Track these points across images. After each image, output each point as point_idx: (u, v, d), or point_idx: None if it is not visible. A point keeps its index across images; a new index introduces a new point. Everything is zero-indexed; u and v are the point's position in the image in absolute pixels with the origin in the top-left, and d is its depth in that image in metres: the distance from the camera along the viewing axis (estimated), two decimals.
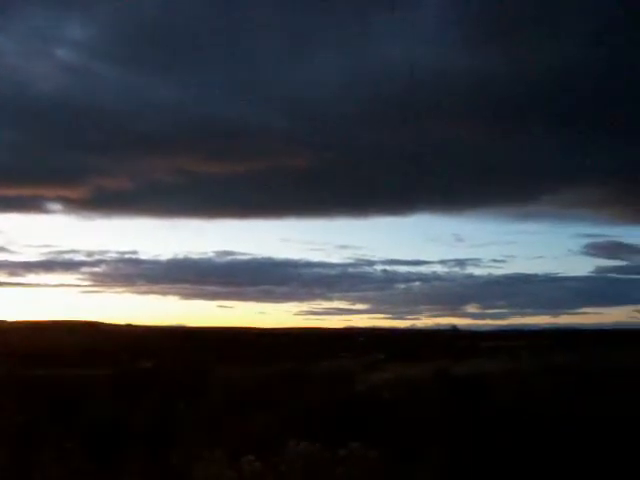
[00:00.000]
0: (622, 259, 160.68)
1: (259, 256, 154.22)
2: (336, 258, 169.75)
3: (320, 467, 7.90)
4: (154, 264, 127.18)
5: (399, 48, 77.16)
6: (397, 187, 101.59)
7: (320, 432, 9.65)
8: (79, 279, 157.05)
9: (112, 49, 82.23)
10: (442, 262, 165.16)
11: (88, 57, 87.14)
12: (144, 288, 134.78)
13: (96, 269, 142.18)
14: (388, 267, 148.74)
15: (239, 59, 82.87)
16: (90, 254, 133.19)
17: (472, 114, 76.97)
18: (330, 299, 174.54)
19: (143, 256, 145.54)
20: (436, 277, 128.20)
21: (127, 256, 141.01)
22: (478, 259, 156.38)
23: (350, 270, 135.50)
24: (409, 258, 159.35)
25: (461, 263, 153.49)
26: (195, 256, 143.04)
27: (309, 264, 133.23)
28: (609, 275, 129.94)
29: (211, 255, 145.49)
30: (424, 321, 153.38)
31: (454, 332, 68.25)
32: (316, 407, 12.74)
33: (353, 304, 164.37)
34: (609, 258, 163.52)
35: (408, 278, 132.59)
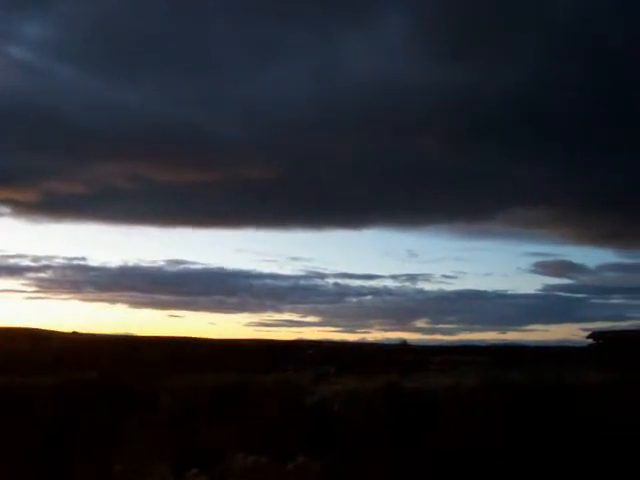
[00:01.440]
0: (569, 278, 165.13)
1: (211, 266, 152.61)
2: (288, 270, 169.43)
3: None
4: (103, 271, 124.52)
5: (360, 61, 77.94)
6: (352, 201, 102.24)
7: (268, 445, 9.55)
8: (24, 285, 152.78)
9: (68, 48, 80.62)
10: (394, 277, 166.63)
11: (42, 56, 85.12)
12: (92, 295, 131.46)
13: (42, 275, 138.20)
14: (340, 280, 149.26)
15: (202, 66, 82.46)
16: (36, 259, 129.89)
17: (430, 130, 78.04)
18: (281, 311, 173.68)
19: (92, 262, 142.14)
20: (387, 292, 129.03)
21: (75, 262, 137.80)
22: (430, 274, 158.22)
23: (302, 282, 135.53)
24: (361, 272, 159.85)
25: (412, 278, 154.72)
26: (146, 264, 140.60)
27: (261, 275, 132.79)
28: (556, 293, 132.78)
29: (162, 264, 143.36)
30: (374, 335, 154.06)
31: (404, 346, 68.71)
32: (265, 420, 12.62)
33: (304, 316, 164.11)
34: (557, 277, 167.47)
35: (360, 292, 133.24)
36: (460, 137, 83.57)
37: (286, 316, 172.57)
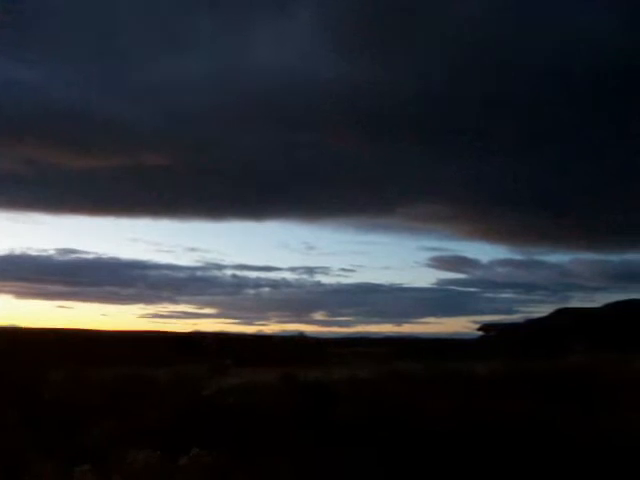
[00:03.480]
0: (463, 272, 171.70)
1: (104, 255, 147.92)
2: (185, 261, 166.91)
3: (159, 476, 7.53)
4: None
5: (271, 53, 77.38)
6: (252, 192, 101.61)
7: (162, 439, 9.25)
8: None
9: None
10: (292, 269, 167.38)
11: None
12: None
13: None
14: (238, 272, 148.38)
15: (106, 48, 79.34)
16: None
17: (334, 123, 78.59)
18: (177, 302, 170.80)
19: None
20: (285, 284, 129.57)
21: None
22: (328, 267, 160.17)
23: (199, 273, 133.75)
24: (259, 264, 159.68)
25: (310, 271, 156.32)
26: (34, 252, 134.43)
27: (157, 266, 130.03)
28: (450, 287, 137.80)
29: (52, 252, 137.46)
30: (272, 327, 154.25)
31: (301, 338, 69.08)
32: (159, 413, 12.25)
33: (201, 308, 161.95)
34: (451, 271, 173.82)
35: (257, 284, 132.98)
36: (362, 132, 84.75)
37: (182, 308, 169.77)
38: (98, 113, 77.47)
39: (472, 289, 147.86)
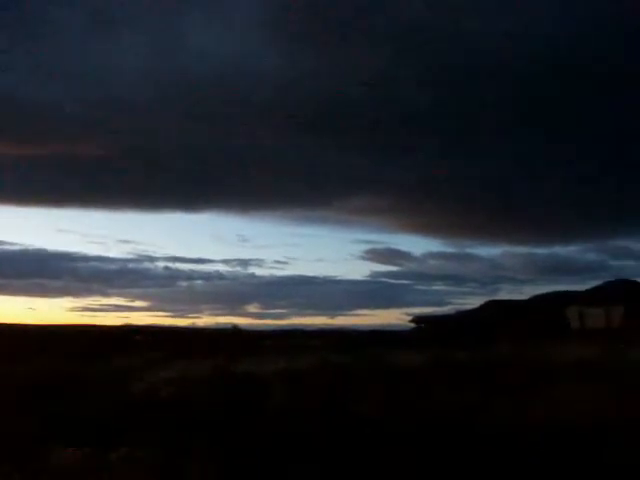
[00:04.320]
0: (396, 265, 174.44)
1: (32, 247, 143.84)
2: (116, 252, 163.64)
3: (87, 473, 7.39)
4: None
5: (207, 44, 76.34)
6: (186, 183, 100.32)
7: (91, 436, 9.08)
8: None
9: None
10: (225, 261, 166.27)
11: None
12: None
13: None
14: (170, 264, 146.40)
15: (36, 34, 76.55)
16: None
17: (271, 115, 78.28)
18: (108, 295, 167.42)
19: None
20: (219, 276, 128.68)
21: None
22: (262, 260, 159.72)
23: (130, 266, 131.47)
24: (192, 256, 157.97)
25: (244, 263, 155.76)
26: None
27: (86, 258, 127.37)
28: (383, 280, 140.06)
29: None
30: (205, 320, 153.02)
31: (235, 331, 68.71)
32: (88, 408, 12.00)
33: (132, 301, 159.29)
34: (385, 264, 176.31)
35: (190, 276, 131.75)
36: (299, 124, 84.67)
37: (113, 300, 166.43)
38: (25, 101, 75.01)
39: (405, 281, 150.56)
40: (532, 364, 18.21)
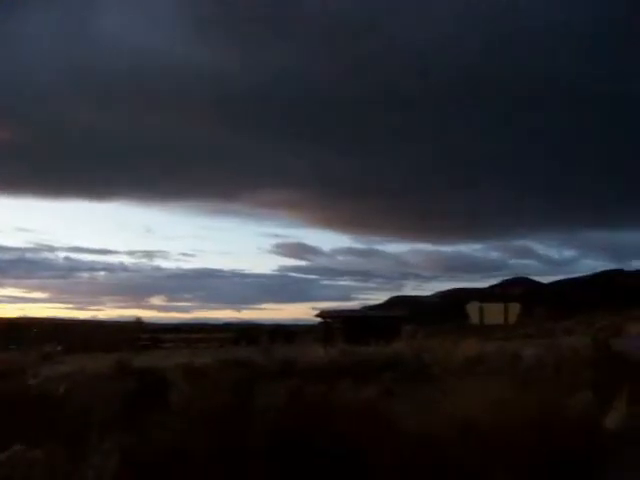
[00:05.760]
0: (304, 259, 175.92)
1: None
2: (13, 241, 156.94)
3: None
4: None
5: (125, 33, 74.20)
6: (92, 171, 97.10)
7: None
8: None
9: None
10: (130, 253, 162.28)
11: None
12: None
13: None
14: (72, 254, 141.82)
15: None
16: None
17: (184, 106, 77.02)
18: (2, 286, 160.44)
19: None
20: (123, 268, 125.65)
21: None
22: (167, 252, 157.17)
23: (28, 255, 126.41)
24: (95, 246, 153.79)
25: (149, 255, 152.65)
26: None
27: None
28: (291, 274, 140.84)
29: None
30: (107, 312, 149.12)
31: (138, 324, 67.27)
32: None
33: (29, 292, 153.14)
34: (293, 258, 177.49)
35: (93, 267, 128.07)
36: (211, 116, 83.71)
37: (8, 291, 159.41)
38: None
39: (313, 276, 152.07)
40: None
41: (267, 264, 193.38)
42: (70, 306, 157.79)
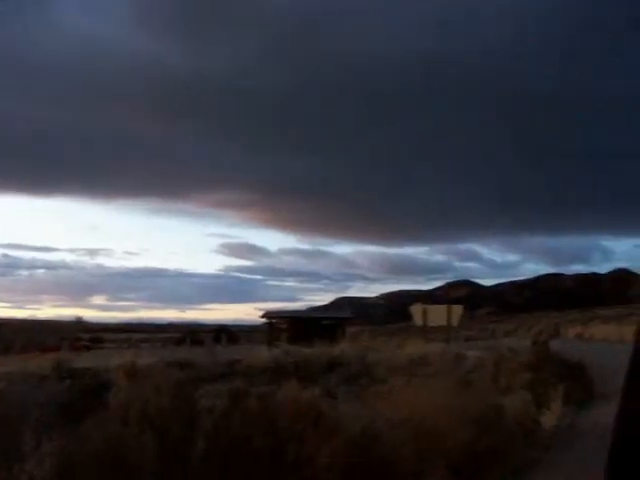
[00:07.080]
0: (250, 260, 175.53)
1: None
2: None
3: None
4: None
5: (75, 26, 72.41)
6: (35, 166, 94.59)
7: None
8: None
9: None
10: (72, 250, 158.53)
11: None
12: None
13: None
14: (10, 251, 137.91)
15: None
16: None
17: (134, 102, 75.73)
18: None
19: None
20: (64, 265, 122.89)
21: None
22: (111, 250, 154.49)
23: None
24: (35, 244, 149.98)
25: (92, 252, 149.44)
26: None
27: None
28: (236, 274, 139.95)
29: None
30: (46, 311, 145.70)
31: (78, 324, 65.84)
32: None
33: None
34: (239, 258, 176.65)
35: (32, 265, 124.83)
36: (161, 114, 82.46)
37: None
38: None
39: (258, 276, 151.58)
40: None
41: (212, 264, 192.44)
42: (7, 304, 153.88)
